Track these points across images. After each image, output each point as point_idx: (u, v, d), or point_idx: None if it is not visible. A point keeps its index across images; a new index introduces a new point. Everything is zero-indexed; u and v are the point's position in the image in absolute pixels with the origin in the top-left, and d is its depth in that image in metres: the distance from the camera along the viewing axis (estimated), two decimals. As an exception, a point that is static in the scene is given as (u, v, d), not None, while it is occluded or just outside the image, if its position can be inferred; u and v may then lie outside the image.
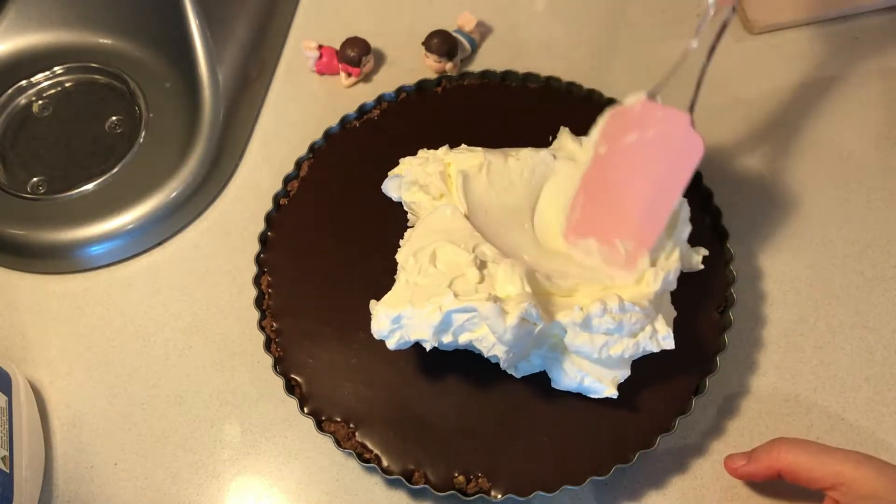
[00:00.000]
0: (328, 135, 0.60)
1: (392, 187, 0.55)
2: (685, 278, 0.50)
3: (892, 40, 0.67)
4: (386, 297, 0.47)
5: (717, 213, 0.56)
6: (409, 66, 0.68)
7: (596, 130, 0.50)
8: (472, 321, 0.45)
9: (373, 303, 0.47)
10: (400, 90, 0.62)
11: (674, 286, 0.49)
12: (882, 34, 0.68)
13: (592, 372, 0.47)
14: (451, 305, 0.44)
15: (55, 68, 0.68)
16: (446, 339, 0.46)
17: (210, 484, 0.51)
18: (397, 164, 0.55)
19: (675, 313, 0.49)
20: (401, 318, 0.45)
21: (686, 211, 0.51)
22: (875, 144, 0.63)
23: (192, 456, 0.52)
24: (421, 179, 0.52)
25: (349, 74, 0.67)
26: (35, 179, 0.63)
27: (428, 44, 0.65)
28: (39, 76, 0.68)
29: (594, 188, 0.50)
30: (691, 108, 0.49)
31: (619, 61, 0.67)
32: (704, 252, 0.52)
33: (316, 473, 0.51)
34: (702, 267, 0.52)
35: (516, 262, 0.46)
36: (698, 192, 0.56)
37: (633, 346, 0.46)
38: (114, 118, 0.66)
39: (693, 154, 0.48)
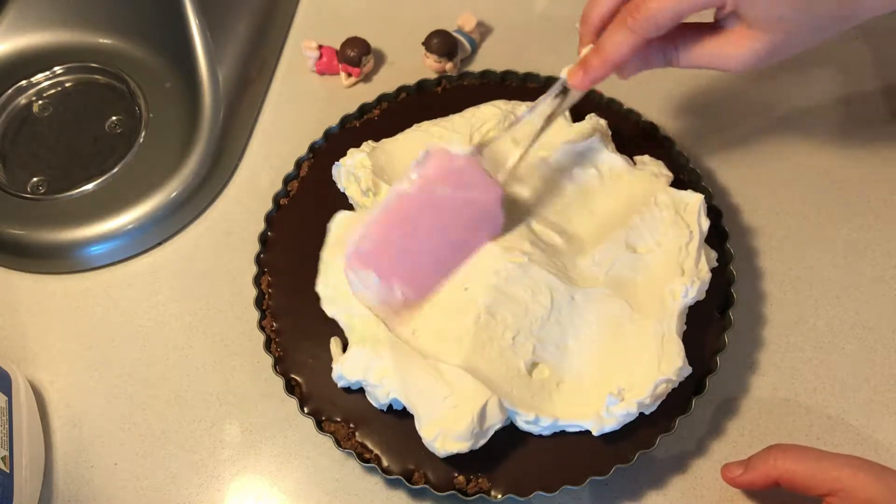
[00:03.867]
0: (328, 135, 0.60)
1: (338, 176, 0.56)
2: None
3: (892, 40, 0.67)
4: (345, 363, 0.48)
5: (717, 214, 0.56)
6: (409, 66, 0.68)
7: (414, 164, 0.48)
8: None
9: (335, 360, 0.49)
10: (400, 90, 0.62)
11: (703, 296, 0.50)
12: (882, 34, 0.68)
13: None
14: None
15: (55, 68, 0.68)
16: None
17: (210, 484, 0.51)
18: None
19: (685, 327, 0.49)
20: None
21: (704, 206, 0.51)
22: (875, 144, 0.62)
23: (192, 456, 0.52)
24: (356, 171, 0.54)
25: (349, 74, 0.67)
26: (35, 179, 0.63)
27: (428, 44, 0.65)
28: (39, 76, 0.68)
29: (390, 223, 0.49)
30: (506, 178, 0.50)
31: (619, 61, 0.67)
32: (715, 255, 0.52)
33: (316, 473, 0.51)
34: (715, 265, 0.52)
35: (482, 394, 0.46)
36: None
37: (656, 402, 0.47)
38: (114, 118, 0.66)
39: (492, 230, 0.50)
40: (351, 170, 0.55)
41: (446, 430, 0.45)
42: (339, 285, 0.50)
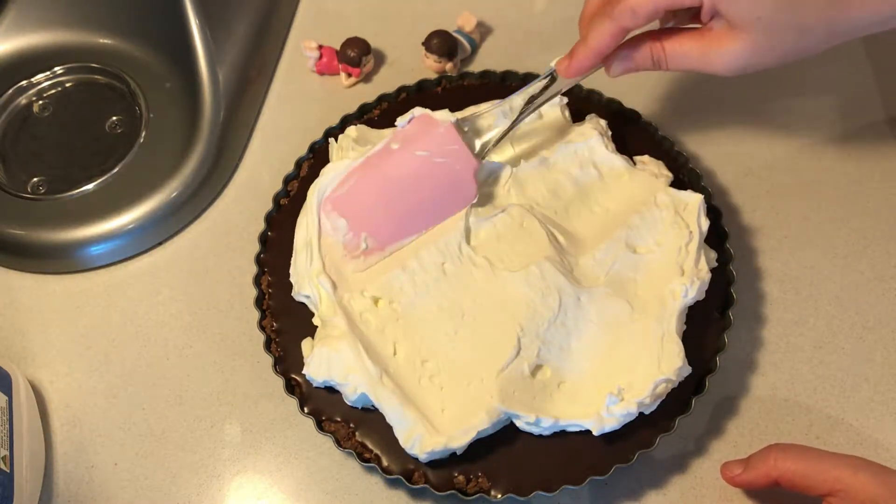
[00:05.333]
0: (328, 135, 0.60)
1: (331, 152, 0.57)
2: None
3: (892, 42, 0.67)
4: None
5: (717, 214, 0.56)
6: (409, 66, 0.68)
7: (402, 120, 0.53)
8: None
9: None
10: (400, 90, 0.62)
11: (703, 296, 0.50)
12: (882, 34, 0.68)
13: None
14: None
15: (55, 68, 0.68)
16: None
17: (210, 484, 0.51)
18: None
19: (685, 327, 0.49)
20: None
21: (703, 206, 0.52)
22: (875, 144, 0.62)
23: (192, 456, 0.52)
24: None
25: (349, 74, 0.67)
26: (35, 179, 0.63)
27: (428, 44, 0.66)
28: (39, 76, 0.68)
29: (370, 175, 0.52)
30: (483, 155, 0.52)
31: (619, 61, 0.67)
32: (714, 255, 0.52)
33: (316, 473, 0.51)
34: (715, 265, 0.52)
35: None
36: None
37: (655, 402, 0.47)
38: (114, 118, 0.66)
39: (464, 200, 0.51)
40: (340, 143, 0.56)
41: (422, 435, 0.45)
42: (300, 271, 0.52)
